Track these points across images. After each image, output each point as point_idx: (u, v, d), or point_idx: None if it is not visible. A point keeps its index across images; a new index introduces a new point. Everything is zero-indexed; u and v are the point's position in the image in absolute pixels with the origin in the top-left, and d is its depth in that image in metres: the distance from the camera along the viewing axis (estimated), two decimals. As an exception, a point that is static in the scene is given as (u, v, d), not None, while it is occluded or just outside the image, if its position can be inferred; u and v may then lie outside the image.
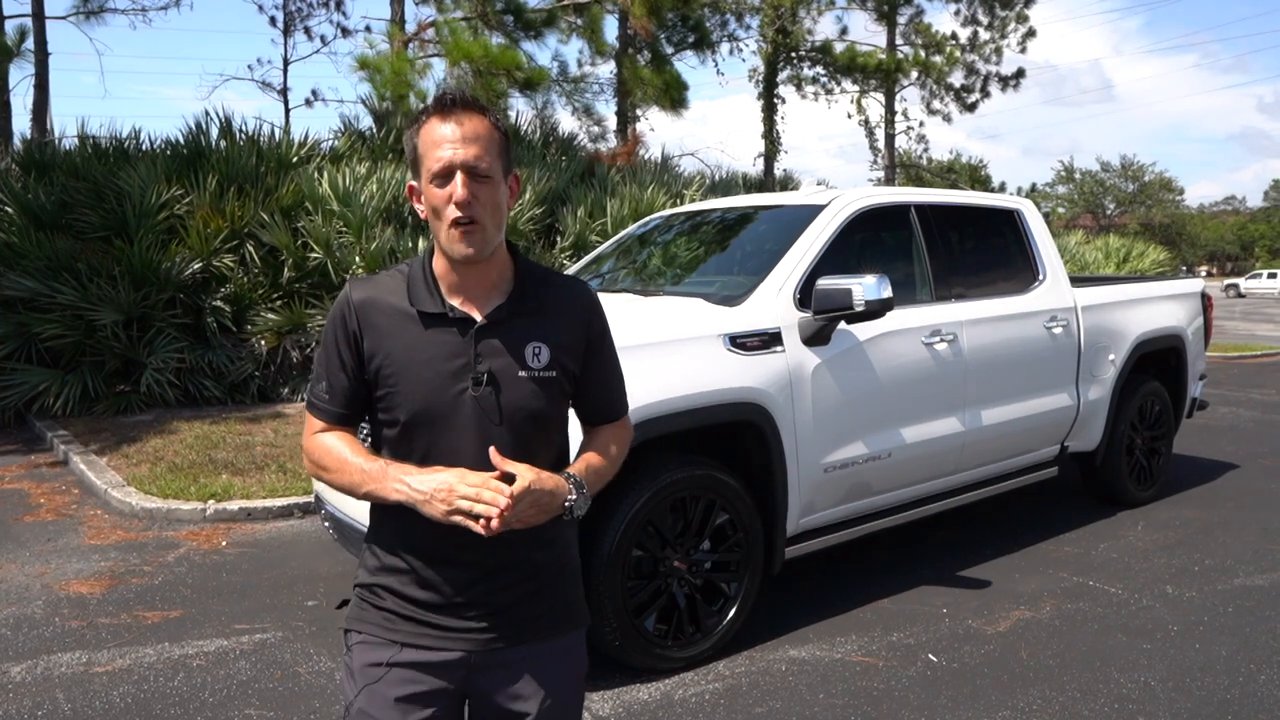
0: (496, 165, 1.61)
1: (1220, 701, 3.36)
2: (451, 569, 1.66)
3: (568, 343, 1.71)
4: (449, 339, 1.64)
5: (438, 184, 1.58)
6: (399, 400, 1.64)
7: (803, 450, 3.92)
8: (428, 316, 1.65)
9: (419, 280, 1.68)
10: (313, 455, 1.71)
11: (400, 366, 1.63)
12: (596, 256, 5.59)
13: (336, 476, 1.66)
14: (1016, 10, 23.67)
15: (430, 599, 1.67)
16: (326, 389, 1.70)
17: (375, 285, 1.69)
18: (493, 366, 1.64)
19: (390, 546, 1.70)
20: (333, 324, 1.69)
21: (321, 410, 1.71)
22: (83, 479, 6.65)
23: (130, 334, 8.83)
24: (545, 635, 1.72)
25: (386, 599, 1.69)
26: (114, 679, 3.61)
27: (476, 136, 1.58)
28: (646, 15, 14.31)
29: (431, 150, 1.58)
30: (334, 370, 1.68)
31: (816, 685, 3.51)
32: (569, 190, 11.68)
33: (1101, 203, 69.60)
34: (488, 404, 1.63)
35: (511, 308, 1.67)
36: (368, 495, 1.62)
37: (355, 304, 1.67)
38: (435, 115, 1.61)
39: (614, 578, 3.40)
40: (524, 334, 1.67)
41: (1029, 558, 4.95)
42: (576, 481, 1.65)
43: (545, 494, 1.56)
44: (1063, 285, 5.35)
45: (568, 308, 1.74)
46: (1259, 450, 7.65)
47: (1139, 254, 19.21)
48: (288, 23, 24.51)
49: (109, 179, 9.31)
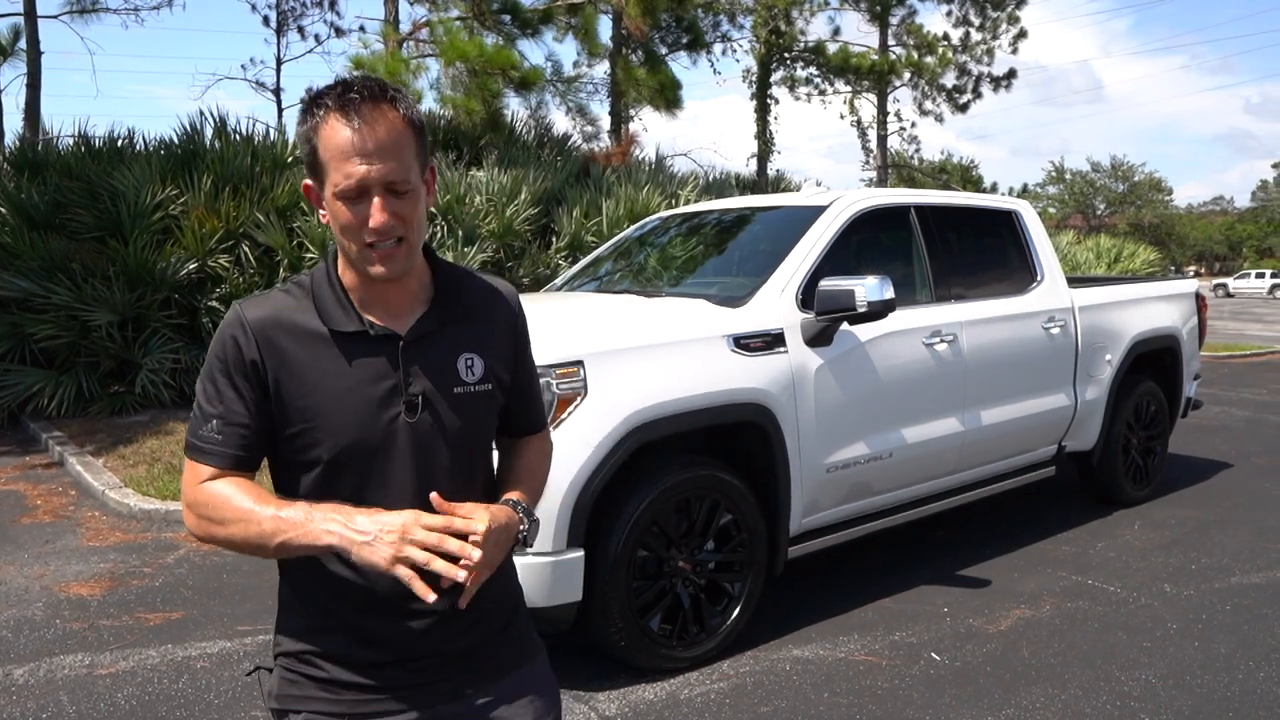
0: (416, 172, 1.38)
1: (1221, 699, 3.39)
2: (397, 618, 1.43)
3: (499, 351, 1.54)
4: (372, 360, 1.42)
5: (348, 202, 1.34)
6: (319, 436, 1.40)
7: (805, 450, 3.93)
8: (344, 336, 1.42)
9: (327, 295, 1.44)
10: (202, 509, 1.40)
11: (318, 397, 1.39)
12: (594, 259, 5.60)
13: (237, 530, 1.36)
14: (1008, 11, 23.79)
15: (376, 658, 1.45)
16: (219, 428, 1.40)
17: (272, 304, 1.44)
18: (425, 387, 1.44)
19: (317, 602, 1.46)
20: (222, 351, 1.41)
21: (210, 454, 1.41)
22: (79, 480, 6.63)
23: (125, 334, 8.80)
24: (508, 671, 1.56)
25: (324, 666, 1.45)
26: (118, 681, 3.60)
27: (394, 144, 1.33)
28: (641, 15, 14.32)
29: (338, 162, 1.33)
30: (227, 406, 1.40)
31: (821, 684, 3.52)
32: (564, 191, 11.68)
33: (1092, 203, 69.90)
34: (425, 431, 1.43)
35: (437, 318, 1.47)
36: (282, 548, 1.35)
37: (252, 326, 1.40)
38: (337, 111, 1.33)
39: (619, 578, 3.41)
40: (454, 346, 1.48)
41: (1027, 557, 4.98)
42: (525, 509, 1.49)
43: (501, 530, 1.40)
44: (1060, 286, 5.38)
45: (495, 312, 1.56)
46: (1251, 449, 7.71)
47: (1130, 254, 19.34)
48: (281, 22, 24.50)
49: (103, 179, 9.26)
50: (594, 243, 10.87)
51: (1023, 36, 23.97)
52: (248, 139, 10.44)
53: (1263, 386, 11.74)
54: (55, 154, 10.01)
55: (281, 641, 1.50)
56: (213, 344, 1.44)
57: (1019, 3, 23.81)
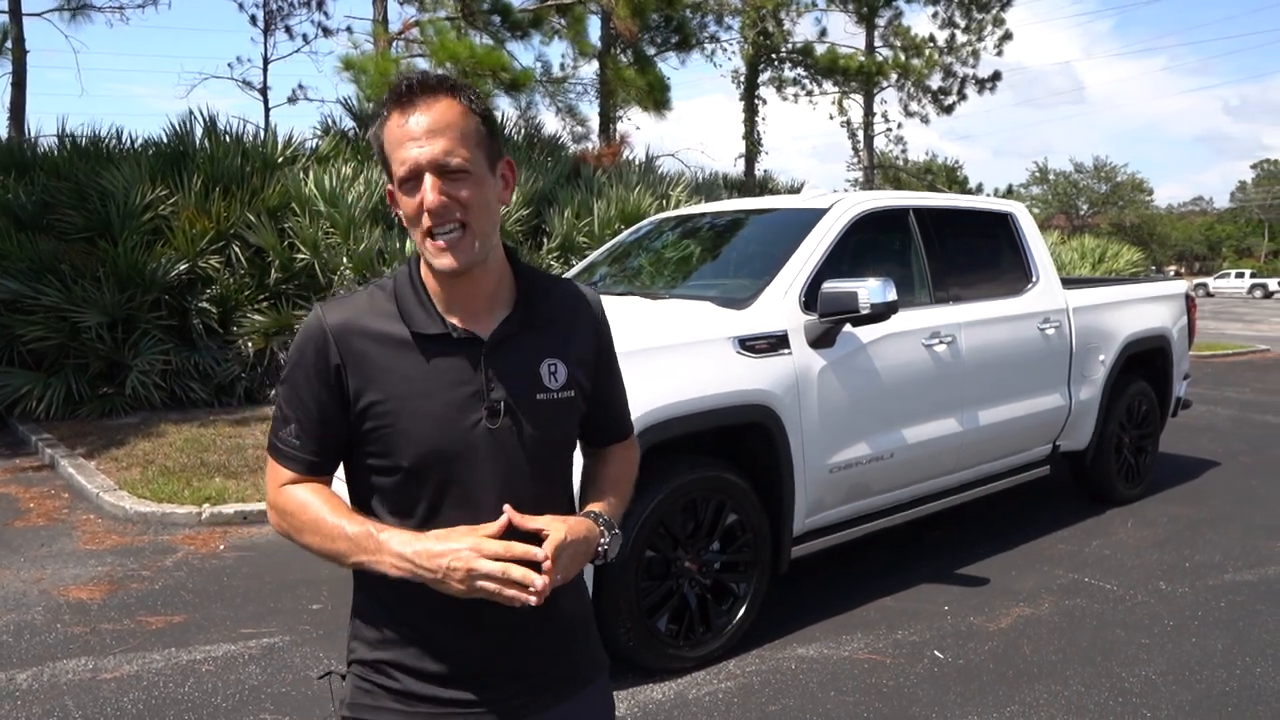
0: (477, 155, 1.35)
1: (1220, 694, 3.44)
2: (473, 633, 1.42)
3: (582, 357, 1.51)
4: (454, 364, 1.39)
5: (407, 190, 1.34)
6: (400, 442, 1.37)
7: (809, 451, 3.96)
8: (427, 339, 1.39)
9: (409, 296, 1.42)
10: (284, 512, 1.43)
11: (399, 401, 1.37)
12: (590, 264, 5.60)
13: (314, 540, 1.39)
14: (993, 13, 23.94)
15: (450, 671, 1.43)
16: (297, 432, 1.41)
17: (353, 306, 1.42)
18: (508, 392, 1.40)
19: (394, 613, 1.44)
20: (303, 355, 1.40)
21: (291, 458, 1.43)
22: (72, 483, 6.59)
23: (115, 336, 8.75)
24: (576, 691, 1.53)
25: (399, 678, 1.43)
26: (123, 685, 3.59)
27: (445, 126, 1.32)
28: (630, 16, 14.35)
29: (395, 151, 1.34)
30: (307, 410, 1.40)
31: (827, 683, 3.55)
32: (555, 191, 11.68)
33: (1075, 203, 70.42)
34: (507, 437, 1.40)
35: (519, 321, 1.44)
36: (358, 566, 1.36)
37: (333, 330, 1.38)
38: (394, 109, 1.35)
39: (628, 579, 3.43)
40: (537, 351, 1.45)
41: (1024, 555, 5.03)
42: (606, 522, 1.46)
43: (580, 544, 1.38)
44: (1055, 287, 5.44)
45: (578, 317, 1.53)
46: (1237, 448, 7.80)
47: (1114, 254, 19.48)
48: (268, 21, 24.30)
49: (92, 179, 9.21)
50: (585, 243, 10.88)
51: (1008, 38, 24.16)
52: (238, 139, 10.39)
53: (1246, 385, 11.88)
54: (42, 154, 9.94)
55: (356, 649, 1.49)
56: (293, 346, 1.43)
57: (1004, 4, 23.97)
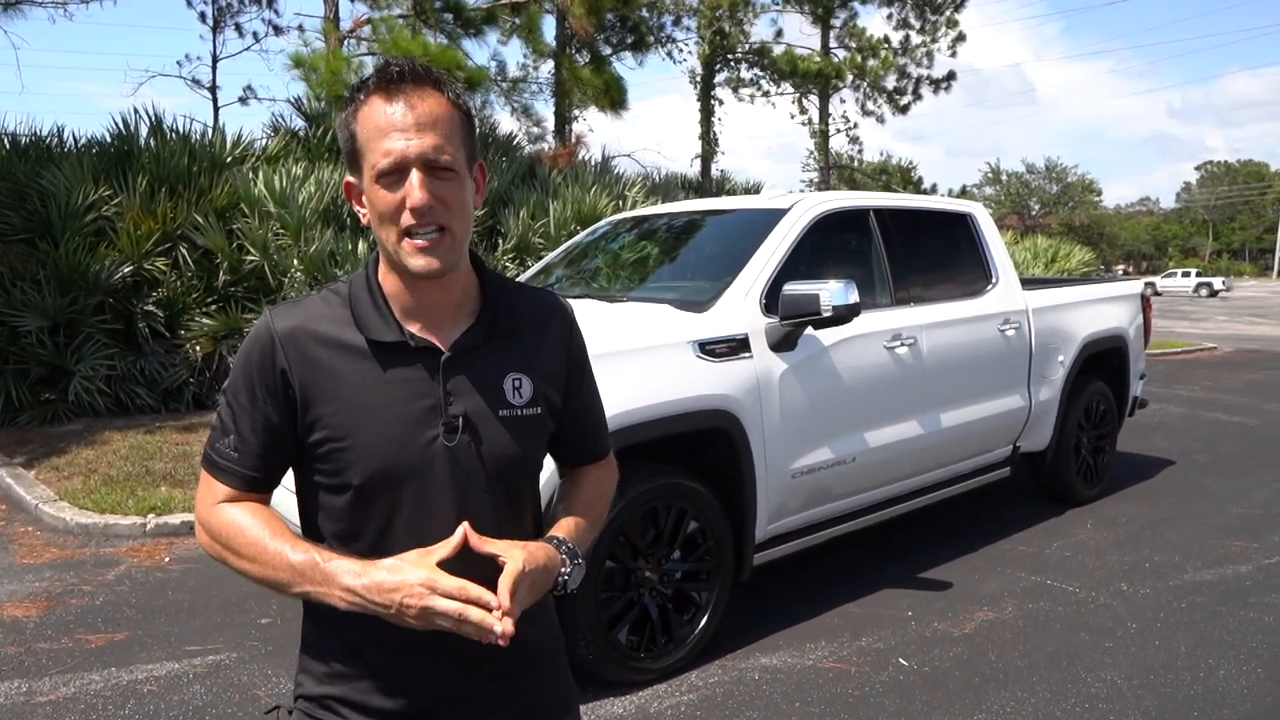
0: (461, 155, 1.28)
1: (1185, 698, 3.42)
2: (428, 665, 1.33)
3: (549, 371, 1.42)
4: (411, 374, 1.30)
5: (387, 184, 1.25)
6: (350, 458, 1.28)
7: (771, 456, 3.89)
8: (382, 347, 1.30)
9: (365, 301, 1.33)
10: (217, 533, 1.31)
11: (350, 414, 1.28)
12: (546, 265, 5.49)
13: (251, 568, 1.27)
14: (946, 15, 24.16)
15: (403, 708, 1.34)
16: (236, 444, 1.31)
17: (304, 311, 1.33)
18: (467, 407, 1.32)
19: (343, 645, 1.35)
20: (248, 361, 1.31)
21: (228, 472, 1.32)
22: (9, 493, 6.34)
23: (56, 340, 8.46)
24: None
25: (348, 715, 1.34)
26: (59, 709, 3.42)
27: (435, 120, 1.24)
28: (585, 15, 14.23)
29: (376, 140, 1.24)
30: (250, 420, 1.30)
31: (791, 693, 3.49)
32: (510, 192, 11.54)
33: (1027, 204, 71.55)
34: (465, 456, 1.31)
35: (483, 332, 1.36)
36: (303, 596, 1.26)
37: (281, 335, 1.29)
38: (378, 93, 1.26)
39: (587, 590, 3.34)
40: (500, 364, 1.36)
41: (986, 558, 5.01)
42: (570, 550, 1.36)
43: (539, 573, 1.28)
44: (1014, 288, 5.43)
45: (547, 329, 1.44)
46: (1190, 446, 7.89)
47: (1065, 254, 19.74)
48: (217, 19, 23.77)
49: (32, 178, 8.90)
50: (541, 244, 10.77)
51: (961, 40, 24.39)
52: (184, 138, 10.12)
53: (1195, 383, 12.07)
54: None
55: (303, 683, 1.39)
56: (239, 353, 1.34)
57: (957, 6, 24.22)
